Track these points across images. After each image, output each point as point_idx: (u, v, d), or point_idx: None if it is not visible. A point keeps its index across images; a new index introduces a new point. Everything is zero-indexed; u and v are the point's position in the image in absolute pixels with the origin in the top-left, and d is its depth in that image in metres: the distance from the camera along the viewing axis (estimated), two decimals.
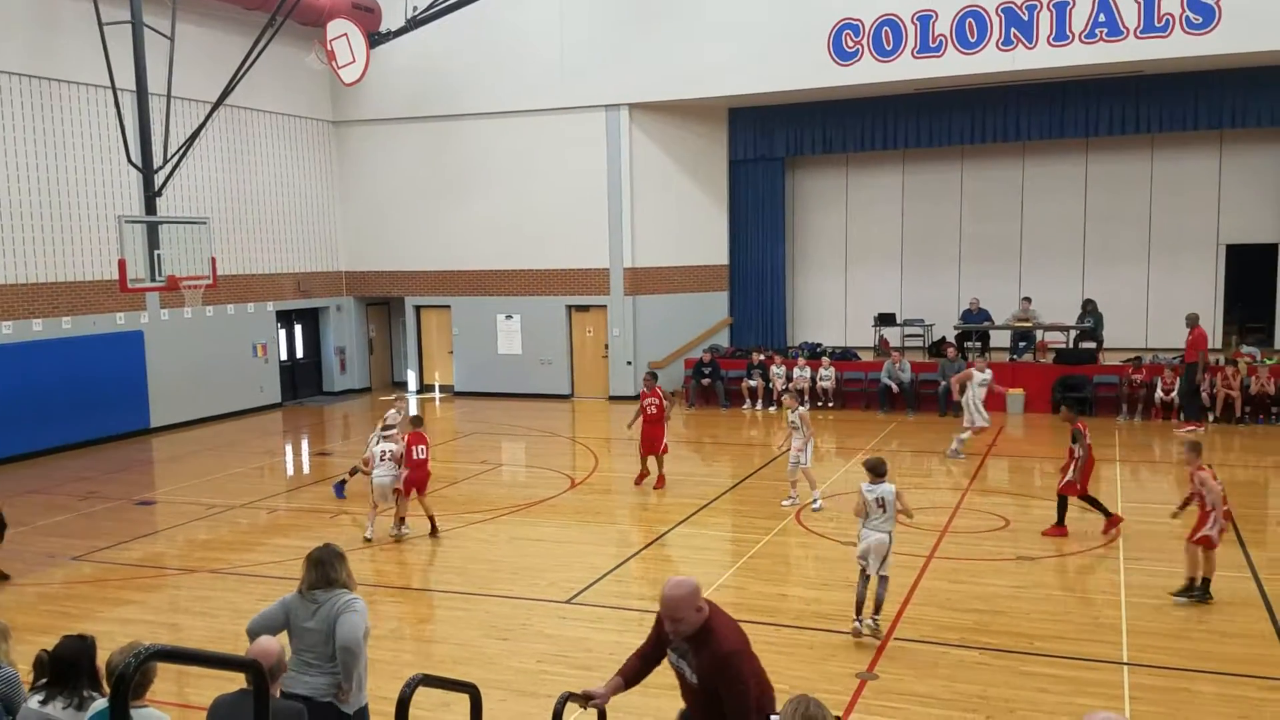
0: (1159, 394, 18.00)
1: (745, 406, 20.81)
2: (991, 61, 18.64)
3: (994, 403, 19.33)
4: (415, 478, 11.66)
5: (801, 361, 20.79)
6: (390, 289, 24.39)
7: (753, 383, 20.86)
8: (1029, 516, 12.29)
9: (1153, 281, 20.91)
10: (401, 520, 11.77)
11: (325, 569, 5.28)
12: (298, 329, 23.85)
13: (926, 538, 11.20)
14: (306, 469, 17.04)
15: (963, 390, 15.58)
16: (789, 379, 20.59)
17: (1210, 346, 20.02)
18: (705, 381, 21.17)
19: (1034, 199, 21.72)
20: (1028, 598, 9.26)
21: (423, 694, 4.38)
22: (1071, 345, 19.97)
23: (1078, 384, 18.93)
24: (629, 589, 9.98)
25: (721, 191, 22.80)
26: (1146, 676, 7.48)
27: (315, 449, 18.54)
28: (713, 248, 22.81)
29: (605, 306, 22.32)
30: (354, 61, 20.63)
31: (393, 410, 14.64)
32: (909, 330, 21.79)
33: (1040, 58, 18.35)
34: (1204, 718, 6.78)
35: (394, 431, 12.01)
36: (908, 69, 19.21)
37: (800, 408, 12.94)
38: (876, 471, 8.37)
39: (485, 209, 22.74)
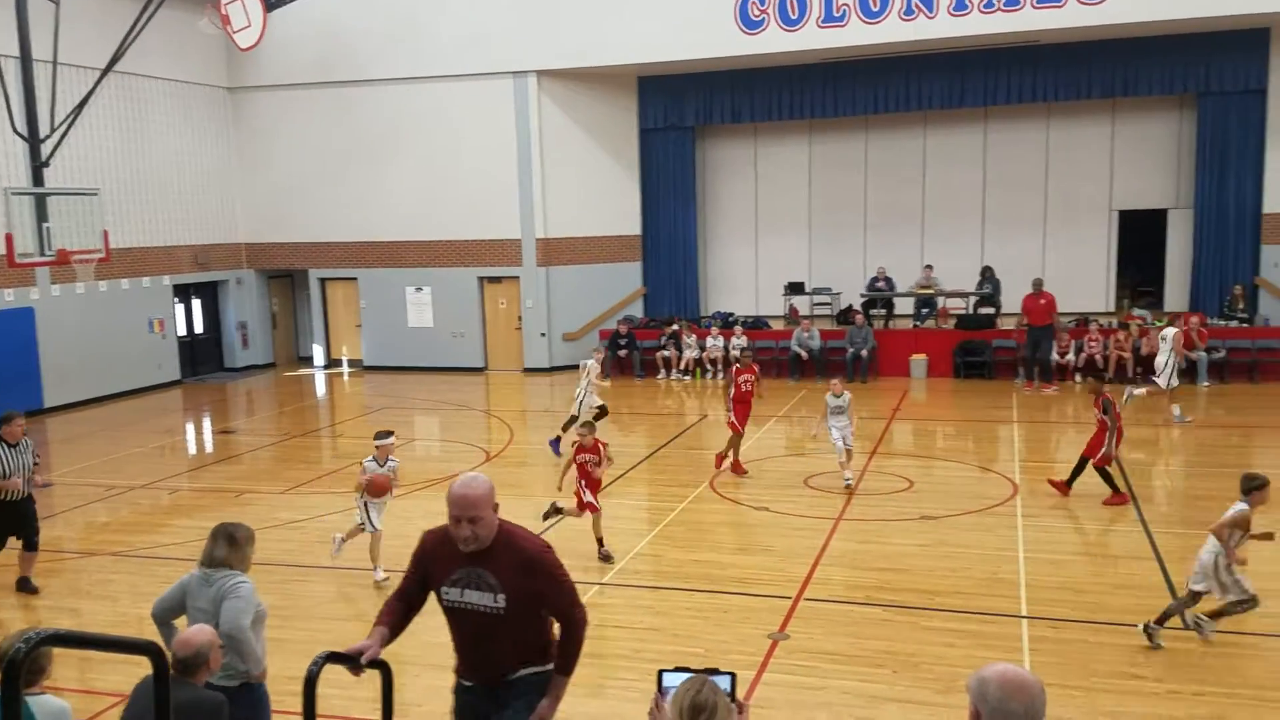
0: (1054, 356, 18.63)
1: (660, 376, 20.93)
2: (894, 31, 18.91)
3: (899, 367, 19.91)
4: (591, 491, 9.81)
5: (714, 331, 20.97)
6: (293, 261, 23.77)
7: (666, 353, 20.98)
8: (931, 478, 12.67)
9: (1049, 248, 21.57)
10: (342, 541, 9.81)
11: (219, 543, 5.22)
12: (196, 304, 23.12)
13: (835, 500, 11.47)
14: (209, 448, 16.59)
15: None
16: (702, 349, 20.77)
17: (1103, 310, 20.88)
18: (621, 352, 21.21)
19: (935, 168, 22.18)
20: (931, 555, 9.56)
21: (338, 672, 4.32)
22: (971, 311, 20.56)
23: (977, 349, 19.52)
24: None
25: (633, 161, 22.74)
26: (1044, 629, 7.80)
27: (218, 427, 18.05)
28: (625, 217, 22.77)
29: (518, 278, 22.14)
30: (249, 26, 19.94)
31: (592, 360, 15.03)
32: (818, 299, 22.13)
33: (940, 27, 18.68)
34: (1099, 666, 7.10)
35: (388, 442, 9.43)
36: (813, 39, 19.37)
37: (847, 391, 12.26)
38: (1243, 489, 7.33)
39: (393, 178, 22.28)
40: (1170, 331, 15.37)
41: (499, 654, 4.31)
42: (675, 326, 21.30)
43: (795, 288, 22.03)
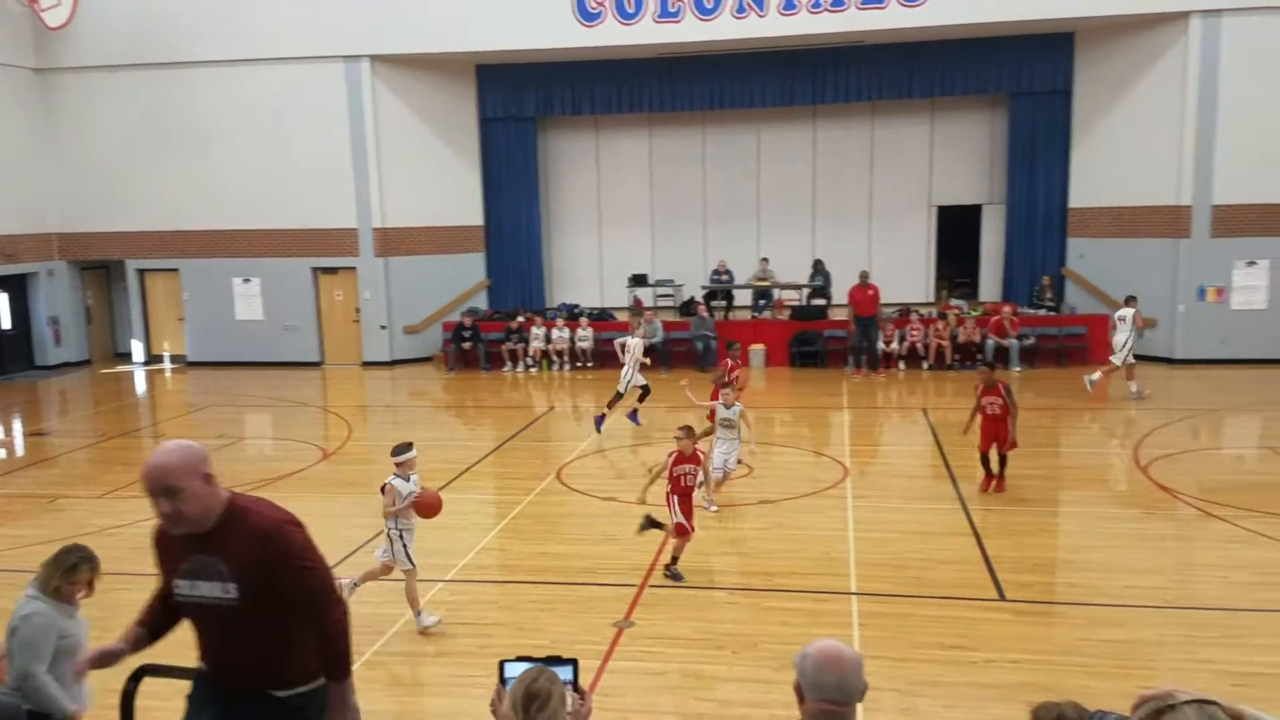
0: (880, 345, 19.49)
1: (506, 369, 20.80)
2: (726, 29, 19.33)
3: (740, 357, 20.37)
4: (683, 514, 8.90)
5: (560, 323, 20.99)
6: (109, 251, 22.38)
7: (512, 345, 20.87)
8: (770, 463, 13.05)
9: (874, 241, 22.52)
10: (355, 586, 8.07)
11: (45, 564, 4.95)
12: (3, 298, 21.47)
13: None
14: (19, 451, 15.47)
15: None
16: (548, 340, 20.76)
17: (924, 300, 21.99)
18: (465, 345, 20.96)
19: (769, 164, 22.79)
20: (769, 538, 9.89)
21: (161, 684, 4.14)
22: (805, 302, 21.30)
23: (811, 338, 20.24)
24: None
25: (473, 150, 22.45)
26: (872, 604, 8.20)
27: (29, 429, 16.85)
28: (467, 208, 22.47)
29: (355, 268, 21.54)
30: (59, 4, 18.70)
31: (634, 338, 15.04)
32: (661, 290, 22.44)
33: (770, 26, 19.21)
34: (923, 638, 7.52)
35: (409, 457, 7.89)
36: (649, 33, 19.59)
37: (739, 404, 10.95)
38: None
39: (217, 165, 21.26)
40: (1128, 312, 16.16)
41: (243, 661, 3.65)
42: (521, 318, 21.20)
43: (639, 280, 22.29)
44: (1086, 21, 19.19)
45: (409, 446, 7.90)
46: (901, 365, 19.54)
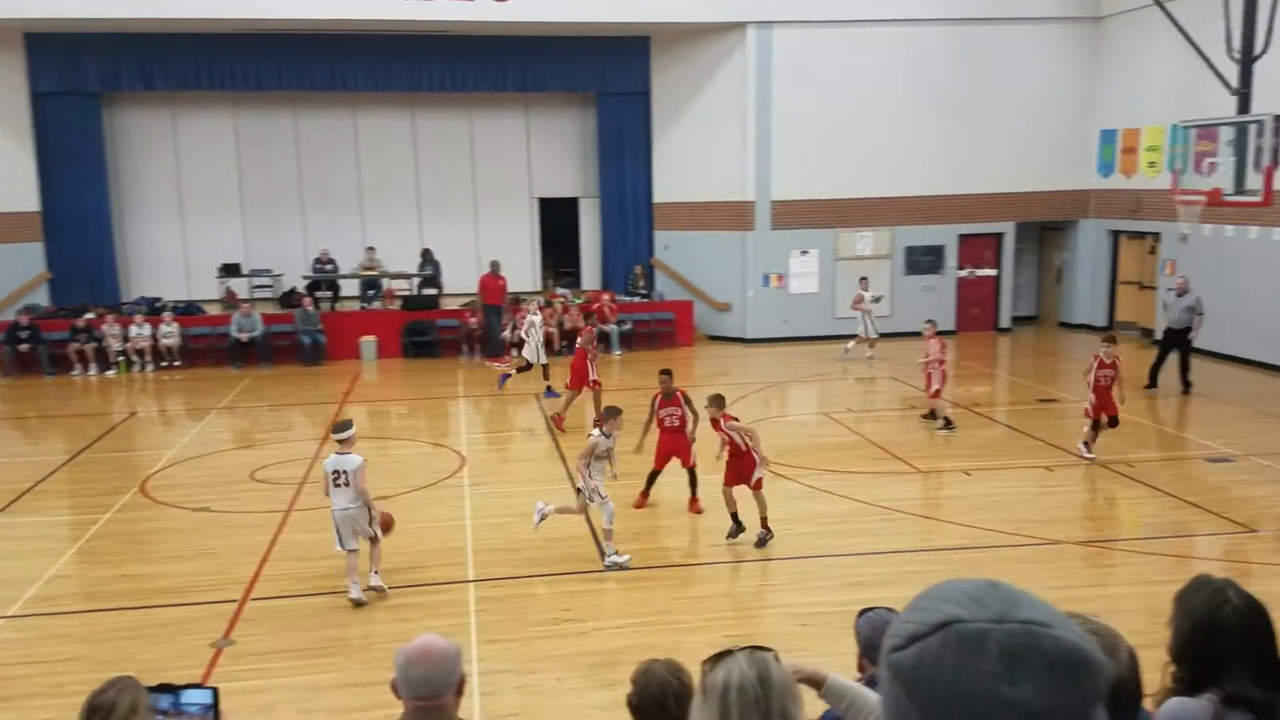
0: (505, 335, 19.79)
1: (76, 373, 18.52)
2: (307, 7, 18.49)
3: (348, 349, 19.74)
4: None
5: (139, 319, 19.05)
6: None
7: (80, 345, 18.60)
8: (388, 457, 12.83)
9: (481, 231, 22.78)
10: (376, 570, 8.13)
11: None
12: None
13: (285, 491, 11.11)
14: None
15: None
16: (126, 338, 18.78)
17: (532, 289, 22.67)
18: (23, 347, 18.36)
19: (369, 151, 22.17)
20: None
21: None
22: (416, 292, 21.10)
23: (424, 328, 20.12)
24: None
25: (24, 128, 19.69)
26: (489, 589, 8.36)
27: None
28: (19, 192, 19.69)
29: None
30: None
31: (535, 315, 15.45)
32: (257, 281, 21.09)
33: (358, 8, 18.61)
34: (534, 616, 7.80)
35: (352, 434, 8.11)
36: (226, 7, 18.24)
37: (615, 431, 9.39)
38: None
39: None
40: (860, 293, 18.74)
41: None
42: (90, 315, 18.98)
43: (231, 270, 20.80)
44: (658, 27, 20.67)
45: (351, 424, 8.21)
46: (514, 353, 19.91)
